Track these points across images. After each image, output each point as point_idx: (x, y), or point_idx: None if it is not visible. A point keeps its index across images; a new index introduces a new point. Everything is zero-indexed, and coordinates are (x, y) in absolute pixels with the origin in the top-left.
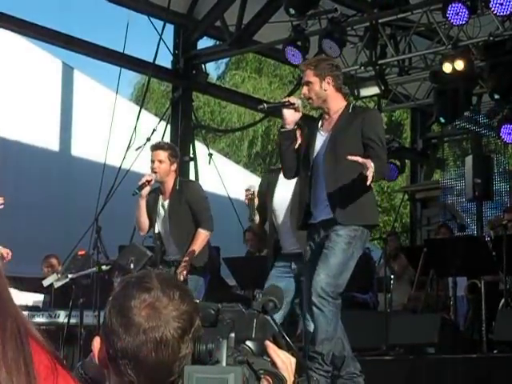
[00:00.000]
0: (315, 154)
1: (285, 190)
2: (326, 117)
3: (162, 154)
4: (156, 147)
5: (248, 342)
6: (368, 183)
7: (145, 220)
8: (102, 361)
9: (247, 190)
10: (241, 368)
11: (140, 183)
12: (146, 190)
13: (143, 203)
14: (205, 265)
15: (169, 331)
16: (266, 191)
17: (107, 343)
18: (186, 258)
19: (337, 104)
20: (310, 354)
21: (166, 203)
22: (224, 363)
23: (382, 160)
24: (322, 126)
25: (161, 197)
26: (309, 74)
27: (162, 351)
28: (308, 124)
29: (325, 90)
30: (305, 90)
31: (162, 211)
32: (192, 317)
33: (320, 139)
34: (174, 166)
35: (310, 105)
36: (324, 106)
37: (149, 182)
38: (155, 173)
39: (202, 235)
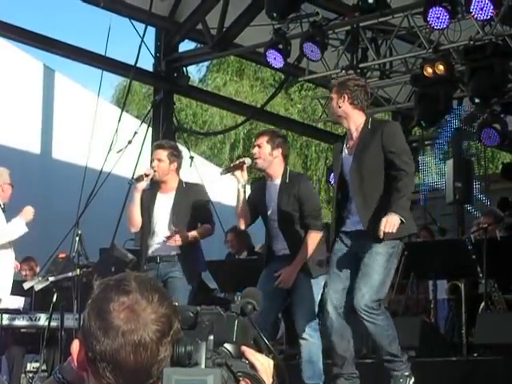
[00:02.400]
0: (344, 174)
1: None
2: (349, 135)
3: (162, 153)
4: (156, 146)
5: (227, 345)
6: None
7: (138, 215)
8: (80, 364)
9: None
10: (220, 370)
11: (137, 175)
12: (142, 184)
13: (138, 197)
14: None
15: (147, 334)
16: (258, 197)
17: (86, 346)
18: (188, 234)
19: (354, 121)
20: (384, 359)
21: (170, 202)
22: (203, 365)
23: (403, 189)
24: (347, 145)
25: (159, 192)
26: (332, 90)
27: (141, 354)
28: (336, 145)
29: (339, 107)
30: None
31: (162, 210)
32: (171, 319)
33: (346, 159)
34: (174, 166)
35: (331, 117)
36: (341, 121)
37: (147, 175)
38: (154, 170)
39: (209, 228)
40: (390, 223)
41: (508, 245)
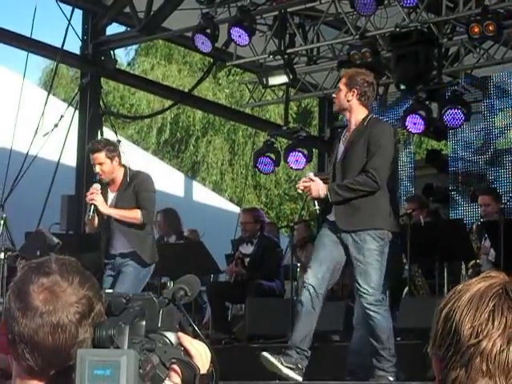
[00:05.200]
0: (336, 161)
1: None
2: (348, 127)
3: (100, 156)
4: (91, 151)
5: (166, 333)
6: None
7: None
8: (2, 346)
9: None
10: (134, 351)
11: (90, 203)
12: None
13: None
14: (152, 262)
15: (66, 316)
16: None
17: (6, 328)
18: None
19: (356, 116)
20: (379, 354)
21: (114, 195)
22: (125, 349)
23: (361, 182)
24: (344, 135)
25: (109, 190)
26: (342, 80)
27: (59, 335)
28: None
29: (348, 100)
30: (335, 93)
31: (109, 204)
32: (92, 301)
33: (340, 148)
34: (116, 161)
35: (334, 107)
36: (344, 113)
37: (97, 190)
38: (100, 176)
39: (137, 213)
40: (314, 187)
41: (432, 230)
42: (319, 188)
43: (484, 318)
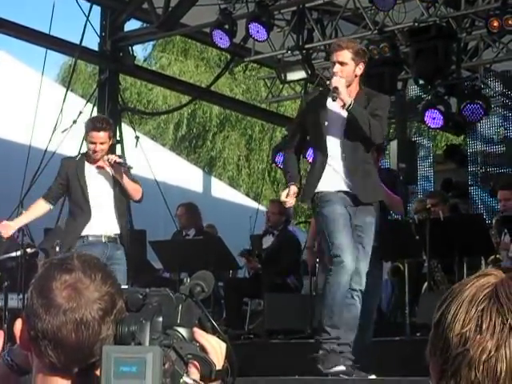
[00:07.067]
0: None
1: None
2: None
3: (105, 136)
4: (98, 129)
5: (179, 329)
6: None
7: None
8: (23, 342)
9: None
10: (160, 348)
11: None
12: None
13: None
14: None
15: (89, 312)
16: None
17: (29, 324)
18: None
19: (354, 88)
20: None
21: (94, 167)
22: (147, 345)
23: (373, 122)
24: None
25: (86, 161)
26: (345, 55)
27: (83, 332)
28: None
29: (355, 76)
30: (335, 68)
31: (94, 181)
32: (114, 298)
33: (329, 112)
34: (111, 141)
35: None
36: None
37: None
38: (95, 152)
39: (140, 188)
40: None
41: (451, 225)
42: (345, 89)
43: (472, 323)
